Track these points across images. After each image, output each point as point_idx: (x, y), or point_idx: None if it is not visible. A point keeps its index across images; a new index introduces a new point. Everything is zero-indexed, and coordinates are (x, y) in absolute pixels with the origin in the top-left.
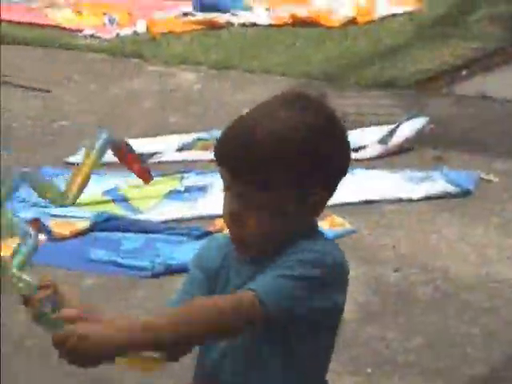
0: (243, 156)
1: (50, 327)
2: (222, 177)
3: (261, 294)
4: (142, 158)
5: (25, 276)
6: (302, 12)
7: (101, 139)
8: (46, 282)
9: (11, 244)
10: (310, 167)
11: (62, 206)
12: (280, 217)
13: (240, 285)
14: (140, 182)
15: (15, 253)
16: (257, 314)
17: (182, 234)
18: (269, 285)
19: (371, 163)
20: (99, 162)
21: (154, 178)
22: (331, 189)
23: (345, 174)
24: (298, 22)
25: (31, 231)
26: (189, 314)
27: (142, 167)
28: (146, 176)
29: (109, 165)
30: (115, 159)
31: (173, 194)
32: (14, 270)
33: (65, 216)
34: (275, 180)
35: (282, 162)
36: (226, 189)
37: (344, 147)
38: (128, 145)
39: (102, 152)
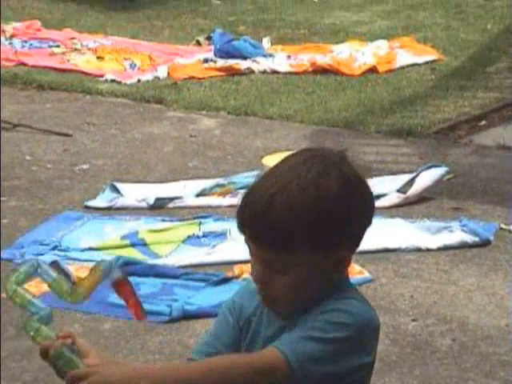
0: (261, 226)
1: (67, 369)
2: (245, 242)
3: (289, 355)
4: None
5: (44, 328)
6: (322, 60)
7: (111, 262)
8: (65, 333)
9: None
10: (329, 231)
11: (67, 301)
12: (304, 278)
13: (269, 336)
14: (158, 226)
15: (31, 315)
16: (283, 375)
17: (200, 280)
18: (296, 347)
19: (390, 212)
20: (102, 279)
21: (173, 223)
22: (352, 246)
23: (369, 224)
24: (319, 70)
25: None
26: (212, 371)
27: (138, 303)
28: (139, 313)
29: (127, 210)
30: (133, 203)
31: (191, 240)
32: (33, 323)
33: (84, 260)
34: (295, 246)
35: (300, 230)
36: (251, 253)
37: (363, 208)
38: (127, 278)
39: (106, 273)
